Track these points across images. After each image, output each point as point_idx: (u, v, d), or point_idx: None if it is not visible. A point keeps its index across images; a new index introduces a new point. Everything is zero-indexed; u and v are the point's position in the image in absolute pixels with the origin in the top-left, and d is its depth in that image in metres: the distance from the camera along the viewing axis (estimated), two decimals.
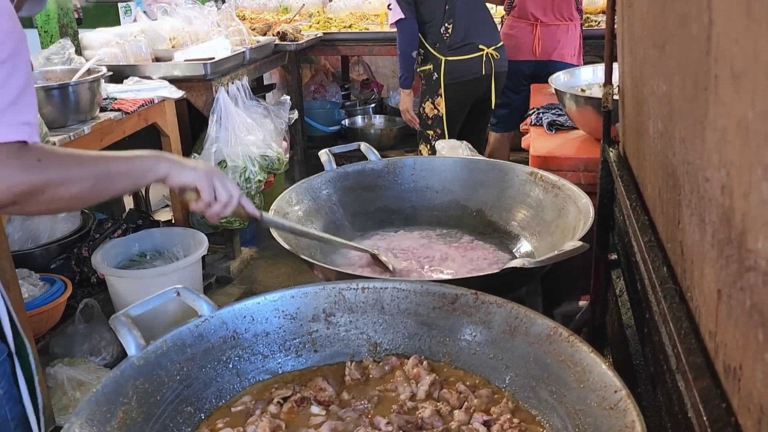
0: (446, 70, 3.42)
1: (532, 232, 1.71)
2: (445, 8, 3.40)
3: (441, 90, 3.44)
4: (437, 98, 3.46)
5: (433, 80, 3.47)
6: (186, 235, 3.00)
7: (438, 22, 3.41)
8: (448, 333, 1.19)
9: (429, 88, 3.52)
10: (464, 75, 3.42)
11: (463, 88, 3.45)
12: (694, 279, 0.92)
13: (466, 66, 3.42)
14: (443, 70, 3.42)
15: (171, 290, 1.17)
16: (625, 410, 0.88)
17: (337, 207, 1.82)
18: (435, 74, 3.46)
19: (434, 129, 3.51)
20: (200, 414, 1.13)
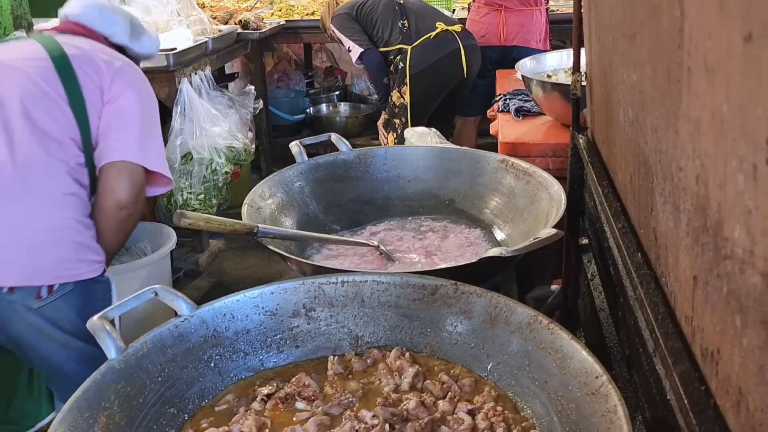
0: (412, 58, 3.50)
1: (505, 219, 1.73)
2: (395, 9, 3.56)
3: (407, 79, 3.52)
4: (403, 87, 3.52)
5: (400, 69, 3.55)
6: (153, 230, 2.95)
7: (395, 25, 3.55)
8: (429, 324, 1.21)
9: (397, 77, 3.59)
10: (431, 56, 3.49)
11: (431, 73, 3.51)
12: (669, 265, 0.94)
13: (429, 47, 3.50)
14: (409, 59, 3.50)
15: (148, 290, 1.15)
16: (606, 395, 0.90)
17: (310, 199, 1.81)
18: (401, 63, 3.54)
19: (400, 117, 3.55)
20: (184, 415, 1.12)
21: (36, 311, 1.65)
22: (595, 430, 0.89)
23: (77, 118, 1.76)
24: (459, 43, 3.51)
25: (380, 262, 1.62)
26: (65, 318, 1.70)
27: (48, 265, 1.66)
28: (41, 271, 1.65)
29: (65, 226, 1.69)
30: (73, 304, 1.70)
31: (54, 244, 1.67)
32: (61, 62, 1.78)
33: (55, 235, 1.67)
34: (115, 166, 1.79)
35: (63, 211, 1.70)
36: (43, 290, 1.65)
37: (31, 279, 1.63)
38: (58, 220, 1.68)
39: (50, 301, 1.66)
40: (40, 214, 1.66)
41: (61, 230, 1.68)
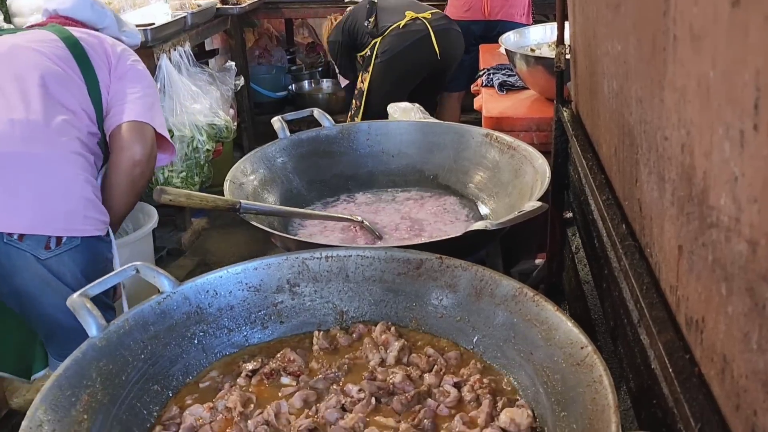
0: (380, 47, 3.61)
1: (490, 193, 1.73)
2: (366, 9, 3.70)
3: (370, 67, 3.63)
4: (365, 74, 3.65)
5: (366, 57, 3.68)
6: (135, 208, 2.91)
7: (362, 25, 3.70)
8: (415, 298, 1.20)
9: (363, 64, 3.73)
10: (398, 45, 3.62)
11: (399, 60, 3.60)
12: (654, 235, 0.94)
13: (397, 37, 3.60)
14: (377, 49, 3.62)
15: (129, 267, 1.13)
16: (592, 365, 0.90)
17: (293, 175, 1.79)
18: (368, 52, 3.66)
19: (356, 101, 3.64)
20: (168, 392, 1.11)
21: (43, 262, 1.74)
22: (580, 400, 0.89)
23: (91, 94, 1.91)
24: (428, 28, 3.55)
25: (365, 237, 1.61)
26: (69, 272, 1.78)
27: (58, 215, 1.74)
28: (51, 220, 1.73)
29: (75, 181, 1.79)
30: (77, 259, 1.80)
31: (64, 196, 1.76)
32: (74, 45, 1.94)
33: (66, 188, 1.77)
34: (127, 126, 1.93)
35: (74, 167, 1.80)
36: (51, 241, 1.74)
37: (42, 227, 1.72)
38: (69, 174, 1.78)
39: (57, 253, 1.75)
40: (53, 167, 1.75)
41: (71, 184, 1.78)
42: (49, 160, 1.76)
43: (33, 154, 1.74)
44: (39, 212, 1.72)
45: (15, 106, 1.77)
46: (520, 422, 0.96)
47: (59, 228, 1.74)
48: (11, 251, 1.71)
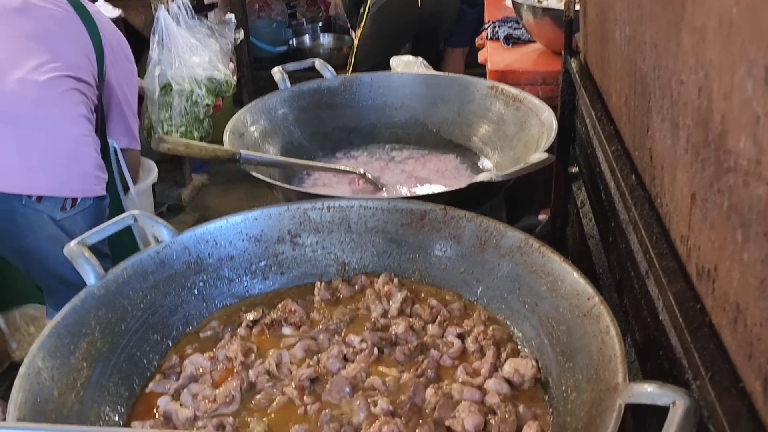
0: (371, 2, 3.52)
1: (494, 147, 1.69)
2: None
3: (362, 22, 3.55)
4: (358, 30, 3.57)
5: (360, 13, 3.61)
6: None
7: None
8: (418, 249, 1.18)
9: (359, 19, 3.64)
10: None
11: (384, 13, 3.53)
12: (665, 185, 0.92)
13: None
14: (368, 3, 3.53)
15: (128, 216, 1.11)
16: (598, 316, 0.89)
17: (294, 127, 1.76)
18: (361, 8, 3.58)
19: (350, 56, 3.58)
20: (167, 341, 1.10)
21: (58, 222, 1.79)
22: (586, 351, 0.88)
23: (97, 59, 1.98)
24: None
25: (366, 189, 1.58)
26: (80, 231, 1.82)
27: (74, 177, 1.81)
28: (68, 182, 1.79)
29: (87, 143, 1.86)
30: (87, 219, 1.87)
31: (78, 158, 1.83)
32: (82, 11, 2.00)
33: (79, 149, 1.84)
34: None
35: (82, 129, 1.86)
36: (68, 202, 1.80)
37: (59, 189, 1.78)
38: (80, 136, 1.84)
39: (72, 214, 1.82)
40: (66, 129, 1.81)
41: (84, 146, 1.84)
42: (61, 121, 1.79)
43: (47, 116, 1.76)
44: (57, 175, 1.77)
45: (23, 65, 1.78)
46: (524, 373, 0.95)
47: (75, 189, 1.81)
48: (28, 213, 1.75)
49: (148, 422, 0.96)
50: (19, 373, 0.86)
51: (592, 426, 0.77)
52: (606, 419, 0.74)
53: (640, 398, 0.74)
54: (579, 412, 0.83)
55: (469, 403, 0.91)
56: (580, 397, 0.85)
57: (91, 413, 0.93)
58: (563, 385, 0.91)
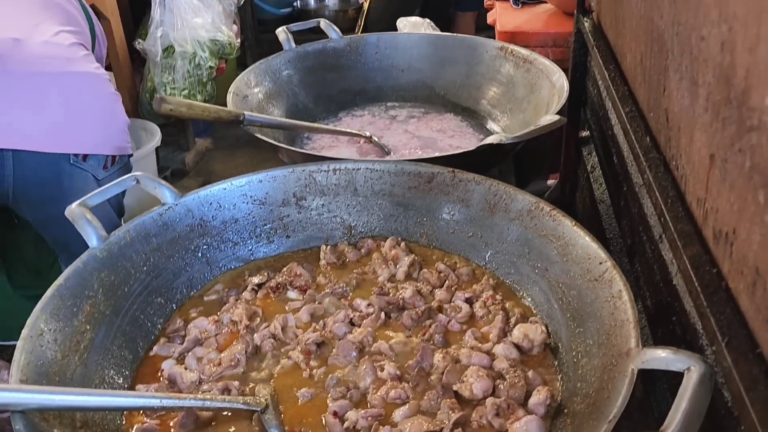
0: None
1: (503, 110, 1.66)
2: None
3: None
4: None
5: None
6: (137, 127, 2.85)
7: None
8: (425, 213, 1.16)
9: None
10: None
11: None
12: (681, 146, 0.89)
13: None
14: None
15: (129, 178, 1.09)
16: (611, 280, 0.87)
17: (299, 89, 1.73)
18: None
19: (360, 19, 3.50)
20: (171, 304, 1.09)
21: (99, 182, 1.79)
22: (598, 316, 0.86)
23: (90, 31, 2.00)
24: None
25: (373, 152, 1.56)
26: None
27: (113, 133, 1.83)
28: (109, 139, 1.81)
29: (116, 100, 1.88)
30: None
31: (114, 115, 1.85)
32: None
33: (113, 107, 1.85)
34: None
35: (111, 87, 1.88)
36: (108, 160, 1.82)
37: (102, 147, 1.79)
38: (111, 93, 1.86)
39: (112, 172, 1.83)
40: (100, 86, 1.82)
41: (115, 102, 1.87)
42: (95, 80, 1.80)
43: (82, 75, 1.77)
44: (100, 131, 1.78)
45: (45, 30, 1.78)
46: (533, 338, 0.94)
47: (115, 147, 1.82)
48: (75, 172, 1.74)
49: (153, 385, 0.95)
50: (22, 335, 0.85)
51: (603, 391, 0.76)
52: (618, 384, 0.73)
53: (654, 364, 0.73)
54: (590, 378, 0.82)
55: (477, 368, 0.90)
56: (590, 363, 0.84)
57: (95, 376, 0.92)
58: (573, 350, 0.89)
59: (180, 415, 0.89)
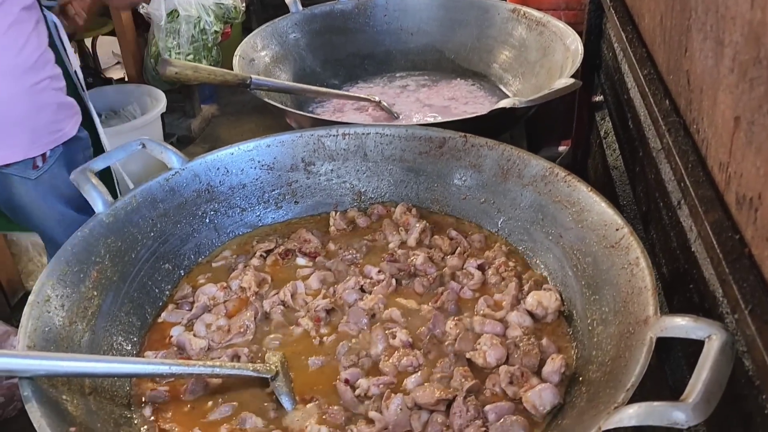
0: None
1: (515, 74, 1.62)
2: None
3: None
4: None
5: None
6: (141, 92, 2.83)
7: None
8: (437, 179, 1.14)
9: None
10: None
11: None
12: (703, 109, 0.86)
13: None
14: None
15: (135, 142, 1.07)
16: (627, 247, 0.85)
17: (306, 53, 1.69)
18: None
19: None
20: (179, 271, 1.08)
21: (35, 181, 1.62)
22: (614, 283, 0.84)
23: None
24: None
25: (382, 118, 1.53)
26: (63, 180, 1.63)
27: (39, 134, 1.58)
28: (34, 142, 1.58)
29: (44, 88, 1.59)
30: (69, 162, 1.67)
31: (38, 111, 1.58)
32: None
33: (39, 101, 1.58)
34: None
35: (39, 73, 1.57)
36: (38, 160, 1.61)
37: (27, 152, 1.58)
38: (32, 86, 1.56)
39: (47, 167, 1.63)
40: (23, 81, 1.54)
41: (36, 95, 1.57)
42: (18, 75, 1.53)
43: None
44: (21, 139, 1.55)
45: None
46: (547, 305, 0.92)
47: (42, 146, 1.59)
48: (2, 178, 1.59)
49: (161, 352, 0.94)
50: (29, 301, 0.84)
51: (620, 359, 0.74)
52: (636, 353, 0.71)
53: (673, 332, 0.71)
54: (605, 346, 0.80)
55: (490, 336, 0.88)
56: (606, 331, 0.82)
57: (104, 342, 0.91)
58: (588, 318, 0.88)
59: (189, 382, 0.88)
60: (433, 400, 0.80)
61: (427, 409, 0.81)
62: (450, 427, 0.79)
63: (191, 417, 0.85)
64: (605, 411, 0.66)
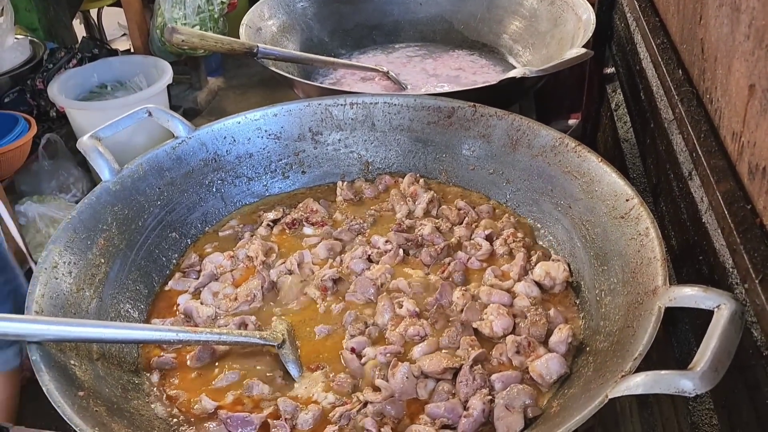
0: None
1: (525, 44, 1.60)
2: None
3: None
4: None
5: None
6: (148, 64, 2.80)
7: None
8: (445, 149, 1.13)
9: None
10: None
11: None
12: (717, 78, 0.85)
13: None
14: None
15: (141, 110, 1.06)
16: (637, 218, 0.84)
17: (314, 22, 1.67)
18: None
19: None
20: (186, 240, 1.08)
21: None
22: (623, 254, 0.83)
23: None
24: None
25: (390, 89, 1.51)
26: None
27: None
28: None
29: None
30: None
31: None
32: None
33: None
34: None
35: None
36: None
37: None
38: None
39: None
40: None
41: None
42: None
43: None
44: None
45: None
46: (555, 276, 0.92)
47: None
48: None
49: (169, 319, 0.94)
50: (36, 267, 0.84)
51: (628, 329, 0.74)
52: (644, 322, 0.71)
53: (682, 302, 0.70)
54: (613, 316, 0.80)
55: (497, 306, 0.88)
56: (614, 301, 0.82)
57: (111, 309, 0.91)
58: (596, 288, 0.87)
59: (197, 349, 0.88)
60: (440, 368, 0.80)
61: (434, 377, 0.81)
62: (456, 395, 0.80)
63: (198, 383, 0.86)
64: (612, 380, 0.66)
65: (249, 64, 1.33)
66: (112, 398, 0.77)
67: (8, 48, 2.69)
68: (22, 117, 2.48)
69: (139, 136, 2.35)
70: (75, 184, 2.64)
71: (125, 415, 0.76)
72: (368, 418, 0.77)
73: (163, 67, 2.72)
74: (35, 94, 2.71)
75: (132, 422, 0.75)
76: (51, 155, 2.61)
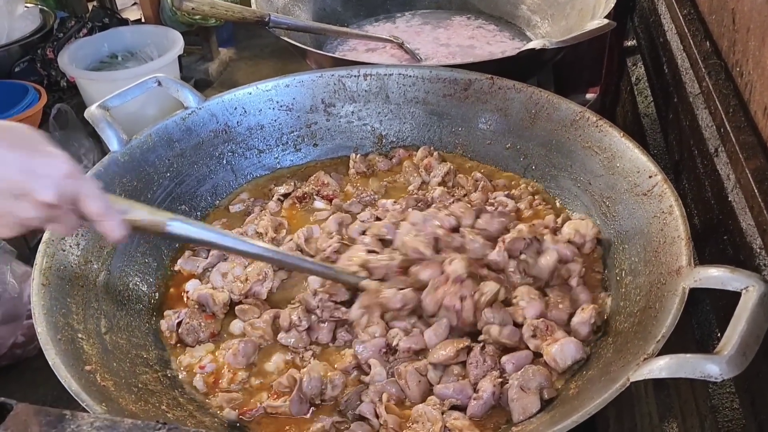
0: None
1: (544, 15, 1.56)
2: None
3: None
4: None
5: None
6: (159, 34, 2.76)
7: None
8: (461, 122, 1.10)
9: None
10: None
11: None
12: (749, 50, 0.81)
13: None
14: None
15: (151, 79, 1.04)
16: (661, 195, 0.81)
17: None
18: None
19: None
20: (196, 213, 1.06)
21: None
22: (645, 232, 0.81)
23: None
24: None
25: (404, 60, 1.47)
26: None
27: None
28: None
29: None
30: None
31: None
32: None
33: None
34: None
35: None
36: None
37: None
38: None
39: None
40: None
41: None
42: None
43: None
44: None
45: None
46: (585, 233, 0.89)
47: None
48: None
49: (183, 311, 0.92)
50: (43, 239, 0.83)
51: (650, 310, 0.72)
52: (668, 303, 0.68)
53: (708, 283, 0.68)
54: (635, 296, 0.78)
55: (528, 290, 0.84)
56: (635, 281, 0.79)
57: (119, 282, 0.90)
58: (617, 267, 0.85)
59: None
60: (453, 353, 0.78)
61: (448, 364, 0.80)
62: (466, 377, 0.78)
63: None
64: (634, 362, 0.63)
65: (261, 35, 1.30)
66: (120, 373, 0.76)
67: (18, 16, 2.66)
68: (33, 87, 2.46)
69: (150, 107, 2.33)
70: (86, 155, 2.62)
71: (133, 390, 0.74)
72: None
73: (174, 38, 2.68)
74: (45, 63, 2.68)
75: (140, 397, 0.74)
76: (62, 125, 2.59)
